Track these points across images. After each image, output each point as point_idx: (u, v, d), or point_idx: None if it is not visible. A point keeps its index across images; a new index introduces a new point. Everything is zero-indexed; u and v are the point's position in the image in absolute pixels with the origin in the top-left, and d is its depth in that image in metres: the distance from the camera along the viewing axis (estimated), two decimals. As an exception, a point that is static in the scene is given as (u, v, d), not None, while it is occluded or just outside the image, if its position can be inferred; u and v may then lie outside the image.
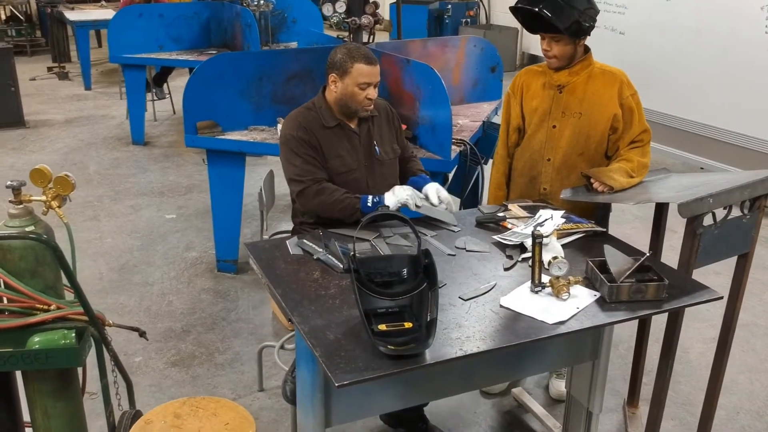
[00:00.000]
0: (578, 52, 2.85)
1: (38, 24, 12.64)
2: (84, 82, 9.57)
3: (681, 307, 2.22)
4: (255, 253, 2.51)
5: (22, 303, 2.37)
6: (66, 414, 2.59)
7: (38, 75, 10.30)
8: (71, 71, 10.35)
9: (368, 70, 2.77)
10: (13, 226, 2.39)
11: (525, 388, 3.42)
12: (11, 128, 7.59)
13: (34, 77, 10.17)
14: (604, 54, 6.47)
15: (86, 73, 9.51)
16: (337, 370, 1.84)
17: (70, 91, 9.54)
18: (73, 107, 8.70)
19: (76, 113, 8.42)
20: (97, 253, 4.81)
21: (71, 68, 10.52)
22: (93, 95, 9.32)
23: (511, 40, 11.13)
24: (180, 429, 1.99)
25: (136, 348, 3.70)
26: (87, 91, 9.48)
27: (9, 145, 7.12)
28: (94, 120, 8.12)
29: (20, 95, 7.74)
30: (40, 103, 8.80)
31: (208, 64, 4.16)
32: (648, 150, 2.90)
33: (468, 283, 2.31)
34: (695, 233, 2.38)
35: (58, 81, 10.09)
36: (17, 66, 9.90)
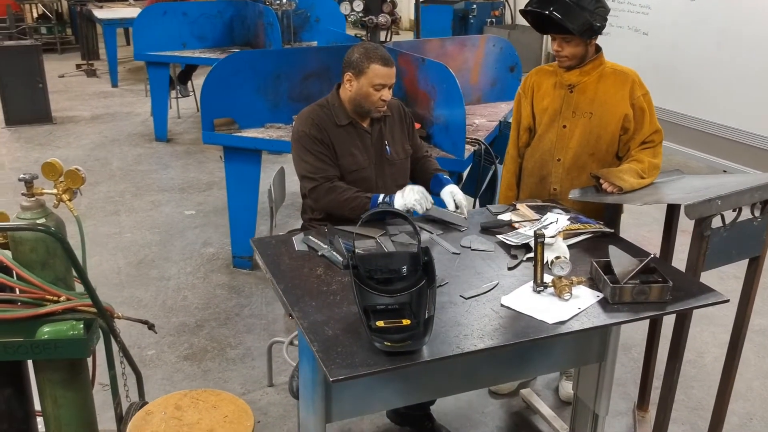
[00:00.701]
0: (589, 52, 2.83)
1: (69, 22, 12.85)
2: (111, 79, 9.72)
3: (685, 309, 2.19)
4: (261, 248, 2.53)
5: (33, 294, 2.42)
6: (75, 404, 2.63)
7: (67, 72, 10.47)
8: (99, 69, 10.50)
9: (384, 72, 2.77)
10: (25, 218, 2.43)
11: (534, 389, 3.41)
12: (39, 124, 7.73)
13: (63, 74, 10.34)
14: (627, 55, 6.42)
15: (113, 71, 9.65)
16: (333, 365, 1.85)
17: (97, 88, 9.68)
18: (99, 104, 8.83)
19: (102, 110, 8.55)
20: (116, 248, 4.88)
21: (99, 66, 10.68)
22: (119, 92, 9.45)
23: (536, 40, 11.05)
24: (179, 420, 2.02)
25: (149, 341, 3.75)
26: (113, 89, 9.61)
27: (36, 141, 7.25)
28: (119, 117, 8.23)
29: (48, 92, 7.87)
30: (68, 100, 8.95)
31: (226, 62, 4.20)
32: (659, 151, 2.87)
33: (470, 282, 2.30)
34: (703, 235, 2.35)
35: (86, 78, 10.25)
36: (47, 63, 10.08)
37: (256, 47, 6.96)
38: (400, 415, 3.06)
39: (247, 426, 2.01)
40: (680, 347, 2.52)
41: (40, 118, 7.75)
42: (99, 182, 6.14)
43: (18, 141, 7.27)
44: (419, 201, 2.70)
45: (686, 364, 3.62)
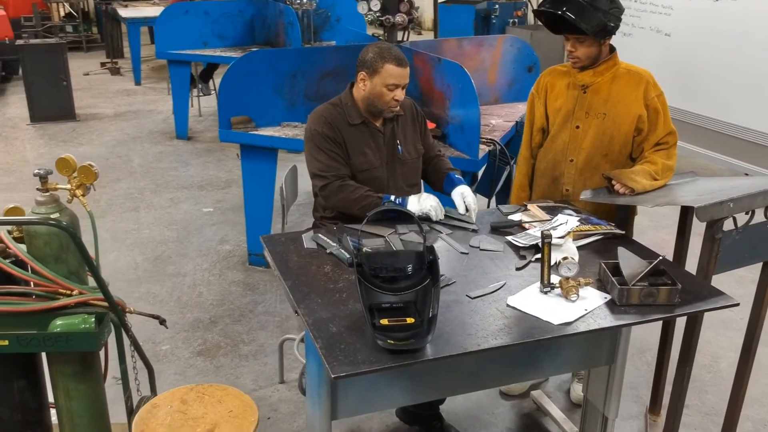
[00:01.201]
0: (603, 52, 2.81)
1: (95, 21, 13.02)
2: (134, 77, 9.83)
3: (693, 312, 2.17)
4: (270, 245, 2.55)
5: (47, 287, 2.46)
6: (87, 396, 2.67)
7: (92, 70, 10.61)
8: (123, 67, 10.63)
9: (398, 72, 2.77)
10: (40, 212, 2.47)
11: (546, 391, 3.39)
12: (63, 121, 7.84)
13: (88, 72, 10.48)
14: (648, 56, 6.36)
15: (136, 69, 9.76)
16: (336, 362, 1.86)
17: (120, 86, 9.80)
18: (122, 102, 8.94)
19: (124, 107, 8.65)
20: (134, 244, 4.94)
21: (123, 64, 10.81)
22: (142, 90, 9.56)
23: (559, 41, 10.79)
24: (185, 414, 2.04)
25: (163, 336, 3.79)
26: (137, 87, 9.72)
27: (59, 138, 7.36)
28: (141, 114, 8.33)
29: (72, 89, 7.98)
30: (92, 97, 9.07)
31: (244, 61, 4.23)
32: (674, 153, 2.84)
33: (477, 282, 2.30)
34: (714, 238, 2.33)
35: (110, 76, 10.38)
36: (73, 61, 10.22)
37: (276, 46, 6.99)
38: (409, 414, 3.06)
39: (251, 421, 2.02)
40: (691, 351, 2.50)
41: (64, 115, 7.87)
42: (120, 179, 6.21)
43: (42, 137, 7.38)
44: (434, 208, 2.71)
45: (701, 368, 3.59)
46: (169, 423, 2.01)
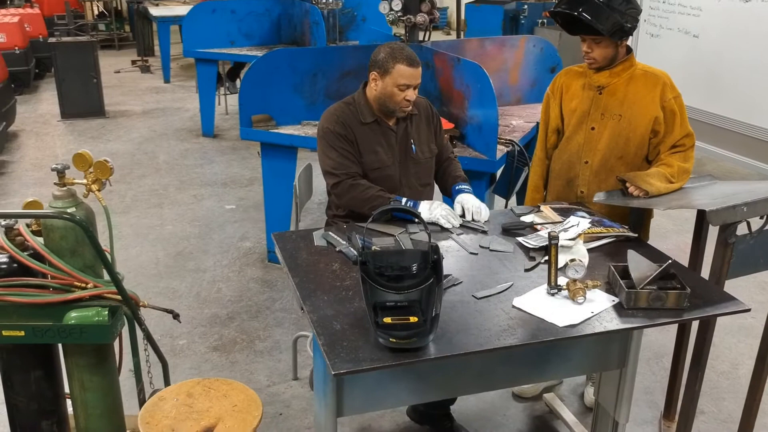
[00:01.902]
0: (620, 53, 2.79)
1: (128, 19, 13.22)
2: (163, 75, 9.95)
3: (702, 317, 2.15)
4: (280, 242, 2.57)
5: (62, 280, 2.51)
6: (101, 388, 2.71)
7: (123, 68, 10.78)
8: (153, 65, 10.78)
9: (409, 72, 2.77)
10: (56, 206, 2.52)
11: (559, 394, 3.37)
12: (92, 118, 7.98)
13: (119, 70, 10.64)
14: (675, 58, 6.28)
15: (166, 67, 9.89)
16: (337, 359, 1.87)
17: (150, 83, 9.94)
18: (151, 99, 9.06)
19: (153, 105, 8.77)
20: (157, 239, 5.01)
21: (154, 62, 10.96)
22: (171, 88, 9.68)
23: (588, 42, 10.87)
24: (190, 407, 2.07)
25: (181, 331, 3.84)
26: (166, 84, 9.85)
27: (88, 134, 7.48)
28: (169, 112, 8.43)
29: (102, 86, 8.11)
30: (122, 95, 9.21)
31: (265, 60, 4.27)
32: (691, 155, 2.80)
33: (484, 282, 2.29)
34: (727, 242, 2.29)
35: (140, 74, 10.53)
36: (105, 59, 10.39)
37: (302, 45, 7.03)
38: (419, 413, 3.07)
39: (255, 416, 2.04)
40: (703, 356, 2.47)
41: (93, 111, 8.00)
42: (145, 175, 6.30)
43: (72, 134, 7.52)
44: (445, 217, 2.71)
45: (720, 375, 3.54)
46: (175, 415, 2.04)
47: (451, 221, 2.72)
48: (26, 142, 7.26)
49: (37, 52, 9.43)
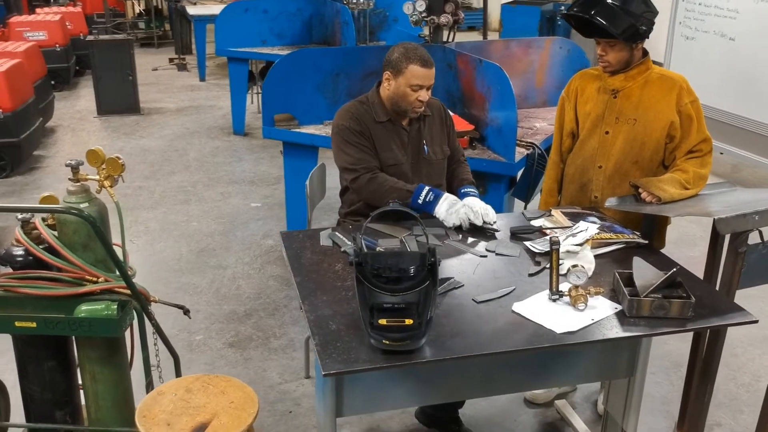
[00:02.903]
0: (635, 57, 2.73)
1: (168, 18, 13.42)
2: (199, 73, 10.09)
3: (706, 327, 2.10)
4: (287, 241, 2.59)
5: (74, 273, 2.56)
6: (111, 380, 2.76)
7: (160, 66, 10.95)
8: (190, 63, 10.93)
9: (422, 73, 2.76)
10: (70, 201, 2.57)
11: (572, 401, 3.33)
12: (127, 114, 8.13)
13: (156, 68, 10.82)
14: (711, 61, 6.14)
15: (201, 65, 10.02)
16: (328, 360, 1.88)
17: (186, 81, 10.08)
18: (185, 97, 9.19)
19: (187, 102, 8.89)
20: (182, 235, 5.08)
21: (191, 60, 11.11)
22: (206, 86, 9.81)
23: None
24: (187, 402, 2.09)
25: (199, 327, 3.89)
26: (201, 83, 9.98)
27: (122, 130, 7.62)
28: (202, 110, 8.55)
29: (138, 84, 8.26)
30: (157, 92, 9.36)
31: (288, 59, 4.29)
32: (708, 161, 2.74)
33: (486, 286, 2.28)
34: (738, 251, 2.24)
35: (177, 72, 10.69)
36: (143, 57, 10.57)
37: (333, 45, 7.06)
38: (427, 415, 3.06)
39: (250, 413, 2.06)
40: (712, 368, 2.41)
41: (128, 108, 8.15)
42: (175, 172, 6.39)
43: (106, 130, 7.67)
44: (464, 220, 2.67)
45: (740, 387, 3.46)
46: (171, 410, 2.06)
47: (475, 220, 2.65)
48: (62, 137, 7.43)
49: (78, 49, 9.63)
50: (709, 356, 2.43)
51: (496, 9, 14.21)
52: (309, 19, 7.42)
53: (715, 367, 2.43)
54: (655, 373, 3.54)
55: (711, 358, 2.41)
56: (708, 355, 2.43)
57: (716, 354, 2.40)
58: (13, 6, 10.37)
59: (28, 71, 6.61)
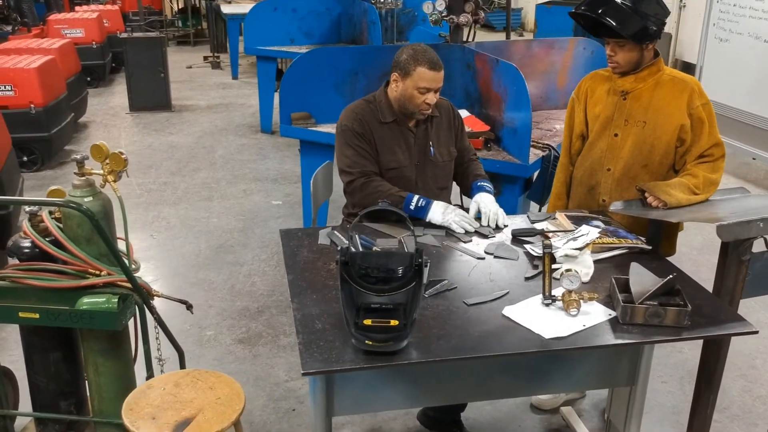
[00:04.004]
0: (646, 58, 2.67)
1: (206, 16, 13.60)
2: (232, 71, 10.19)
3: (701, 337, 2.04)
4: (285, 239, 2.59)
5: (77, 266, 2.60)
6: (114, 372, 2.80)
7: (195, 63, 11.09)
8: (224, 61, 11.03)
9: (430, 75, 2.73)
10: (75, 195, 2.61)
11: (580, 408, 3.27)
12: (159, 111, 8.25)
13: (191, 65, 10.96)
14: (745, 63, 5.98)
15: (234, 63, 10.13)
16: (310, 359, 1.87)
17: (218, 79, 10.19)
18: (217, 94, 9.29)
19: (218, 100, 8.99)
20: (202, 231, 5.13)
21: (225, 58, 11.21)
22: (238, 84, 9.90)
23: (663, 45, 10.49)
24: (174, 397, 2.10)
25: (210, 322, 3.92)
26: (233, 81, 10.08)
27: (152, 127, 7.74)
28: (232, 108, 8.63)
29: (170, 81, 8.37)
30: (190, 90, 9.48)
31: (306, 58, 4.30)
32: (720, 166, 2.66)
33: (480, 289, 2.24)
34: (741, 259, 2.16)
35: (210, 70, 10.82)
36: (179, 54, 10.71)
37: (360, 45, 7.07)
38: (429, 418, 3.03)
39: (236, 409, 2.06)
40: (715, 378, 2.34)
41: (160, 105, 8.27)
42: (200, 168, 6.46)
43: (137, 126, 7.79)
44: (459, 222, 2.66)
45: (756, 399, 3.36)
46: (158, 404, 2.08)
47: (465, 226, 2.67)
48: (94, 132, 7.57)
49: (114, 47, 9.80)
50: (711, 367, 2.35)
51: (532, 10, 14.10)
52: (337, 18, 7.44)
53: (718, 378, 2.35)
54: (668, 382, 3.46)
55: (714, 368, 2.34)
56: (710, 366, 2.36)
57: (719, 364, 2.33)
58: (53, 4, 10.59)
59: (60, 68, 6.74)
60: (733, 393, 3.41)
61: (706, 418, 2.41)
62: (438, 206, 2.70)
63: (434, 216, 2.68)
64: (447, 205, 2.73)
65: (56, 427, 2.95)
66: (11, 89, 6.06)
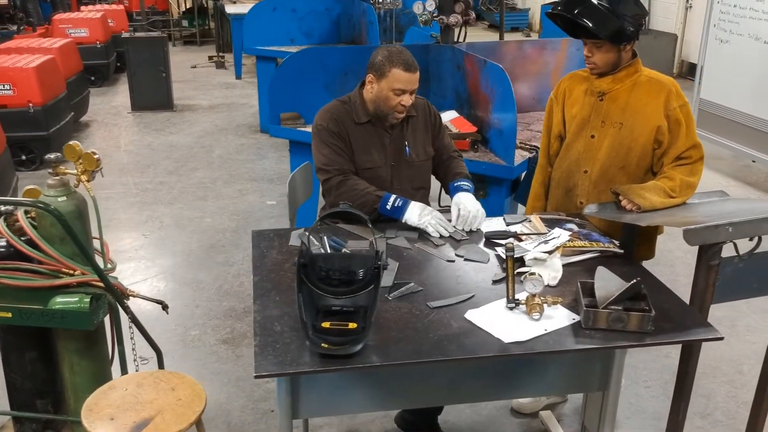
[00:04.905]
0: (623, 58, 2.63)
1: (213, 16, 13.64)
2: (235, 71, 10.21)
3: (664, 343, 2.01)
4: (256, 240, 2.58)
5: (51, 266, 2.60)
6: (89, 372, 2.80)
7: (199, 63, 11.13)
8: (228, 61, 11.06)
9: (405, 77, 2.71)
10: (49, 195, 2.61)
11: (561, 413, 3.24)
12: (160, 111, 8.27)
13: (195, 65, 11.00)
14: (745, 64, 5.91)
15: (238, 63, 10.15)
16: (264, 361, 1.86)
17: (222, 79, 10.21)
18: (219, 94, 9.31)
19: (220, 100, 9.01)
20: (194, 231, 5.13)
21: (230, 58, 11.24)
22: (241, 84, 9.91)
23: (669, 46, 10.43)
24: (135, 398, 2.10)
25: (196, 322, 3.92)
26: (237, 80, 10.10)
27: (153, 126, 7.76)
28: (234, 107, 8.64)
29: (171, 81, 8.39)
30: (193, 89, 9.50)
31: (295, 58, 4.30)
32: (698, 168, 2.62)
33: (446, 292, 2.22)
34: (710, 264, 2.13)
35: (215, 69, 10.85)
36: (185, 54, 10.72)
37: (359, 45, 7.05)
38: (406, 421, 3.01)
39: (195, 411, 2.05)
40: (686, 385, 2.30)
41: (162, 105, 8.29)
42: (197, 168, 6.47)
43: (138, 125, 7.82)
44: (435, 225, 2.64)
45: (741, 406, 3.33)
46: (118, 405, 2.07)
47: (440, 230, 2.64)
48: (95, 132, 7.61)
49: (119, 46, 9.85)
50: (682, 373, 2.32)
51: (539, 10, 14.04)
52: (337, 18, 7.44)
53: (688, 384, 2.32)
54: (651, 387, 3.42)
55: (684, 375, 2.30)
56: (681, 372, 2.33)
57: (690, 370, 2.29)
58: (59, 4, 10.66)
59: (60, 67, 6.78)
60: (717, 399, 3.37)
61: (678, 425, 2.38)
62: (415, 207, 2.68)
63: (410, 217, 2.66)
64: (424, 207, 2.70)
65: (33, 426, 2.97)
66: (10, 88, 6.10)
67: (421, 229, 2.64)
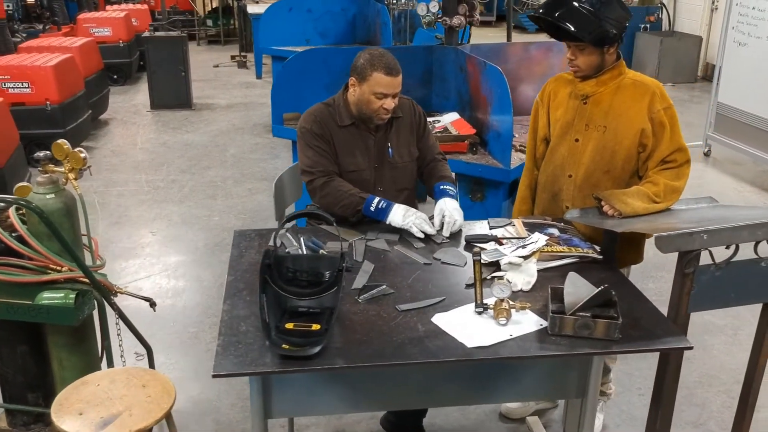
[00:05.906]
0: (607, 61, 2.60)
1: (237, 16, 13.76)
2: (256, 71, 10.28)
3: (631, 351, 1.98)
4: (237, 240, 2.60)
5: (39, 262, 2.65)
6: (78, 367, 2.85)
7: (222, 62, 11.23)
8: (250, 60, 11.14)
9: (386, 81, 2.70)
10: (38, 192, 2.66)
11: (550, 418, 3.21)
12: (179, 109, 8.36)
13: (218, 64, 11.10)
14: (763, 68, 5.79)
15: (258, 63, 10.21)
16: (224, 361, 1.88)
17: (243, 78, 10.30)
18: (239, 94, 9.39)
19: (239, 99, 9.08)
20: (201, 229, 5.19)
21: (251, 58, 11.32)
22: (261, 84, 9.98)
23: (693, 48, 10.26)
24: (107, 393, 2.13)
25: (194, 320, 3.96)
26: (257, 80, 10.17)
27: (170, 125, 7.85)
28: (251, 107, 8.70)
29: (190, 80, 8.48)
30: (213, 88, 9.60)
31: (298, 58, 4.32)
32: (684, 172, 2.58)
33: (417, 295, 2.22)
34: (684, 272, 2.10)
35: (236, 69, 10.94)
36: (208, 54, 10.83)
37: (374, 45, 7.06)
38: (391, 423, 3.01)
39: (163, 407, 2.08)
40: (663, 392, 2.27)
41: (180, 103, 8.39)
42: (210, 167, 6.54)
43: (155, 124, 7.92)
44: (418, 225, 2.63)
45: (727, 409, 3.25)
46: (89, 400, 2.11)
47: (425, 228, 2.64)
48: (114, 130, 7.73)
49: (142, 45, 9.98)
50: (659, 380, 2.28)
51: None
52: (353, 18, 7.45)
53: (666, 392, 2.28)
54: (645, 395, 3.37)
55: (662, 381, 2.27)
56: (658, 379, 2.29)
57: (667, 377, 2.26)
58: (85, 3, 10.83)
59: (79, 66, 6.89)
60: (712, 408, 3.31)
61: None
62: (399, 209, 2.68)
63: (395, 218, 2.66)
64: (408, 208, 2.70)
65: (24, 419, 3.03)
66: (28, 86, 6.21)
67: (403, 232, 2.64)
